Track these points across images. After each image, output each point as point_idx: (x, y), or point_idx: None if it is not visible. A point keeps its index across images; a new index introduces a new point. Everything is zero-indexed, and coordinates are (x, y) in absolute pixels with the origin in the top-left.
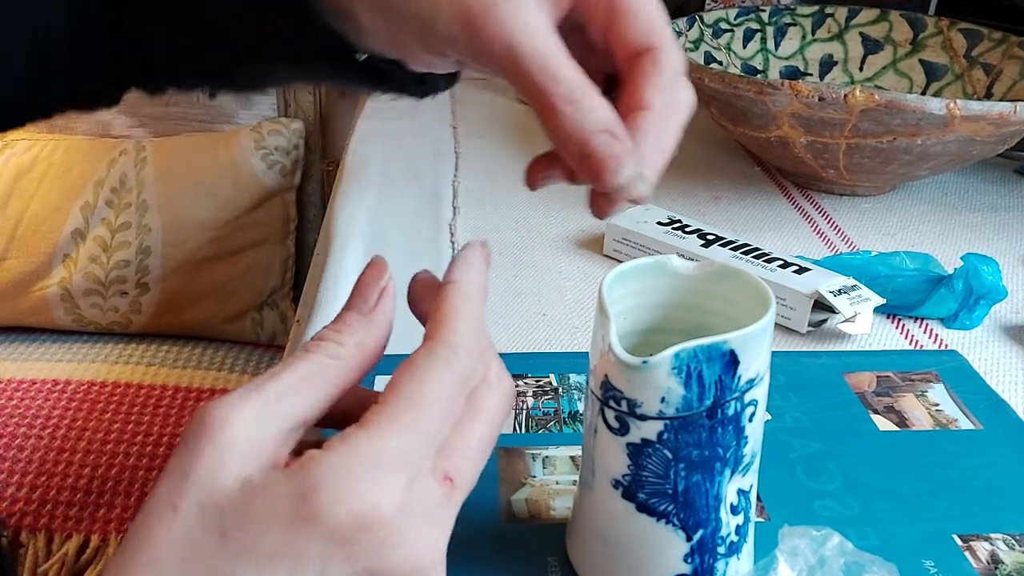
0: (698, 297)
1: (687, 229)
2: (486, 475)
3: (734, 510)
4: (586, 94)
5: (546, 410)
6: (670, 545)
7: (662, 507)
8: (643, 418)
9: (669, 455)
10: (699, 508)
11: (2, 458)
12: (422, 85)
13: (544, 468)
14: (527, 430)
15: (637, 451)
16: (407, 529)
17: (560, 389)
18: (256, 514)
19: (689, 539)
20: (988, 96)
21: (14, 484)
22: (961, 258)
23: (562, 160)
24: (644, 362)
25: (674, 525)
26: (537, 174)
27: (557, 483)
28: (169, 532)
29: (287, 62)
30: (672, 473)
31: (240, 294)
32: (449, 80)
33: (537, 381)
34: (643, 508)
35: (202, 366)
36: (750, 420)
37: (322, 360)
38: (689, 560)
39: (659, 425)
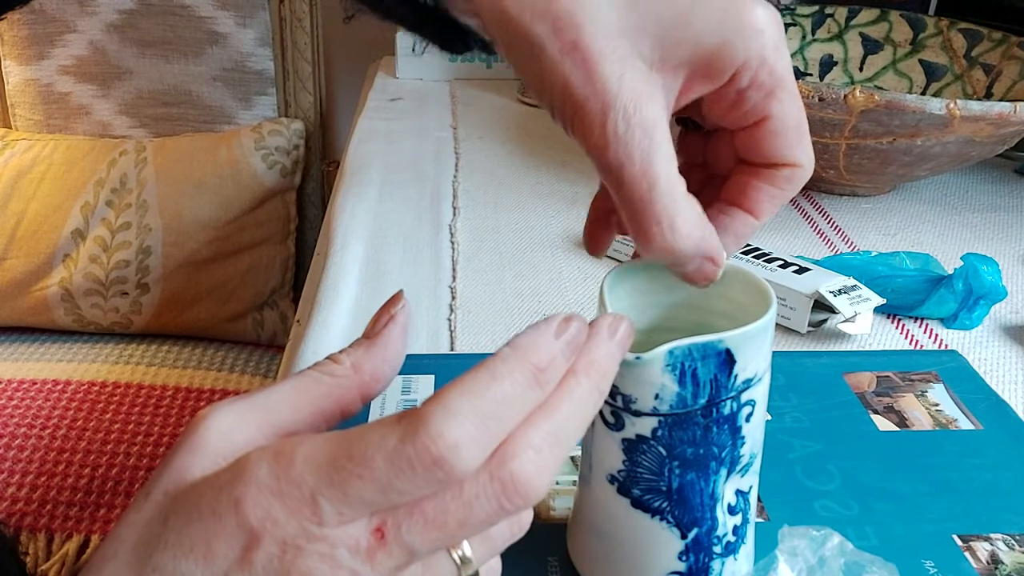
0: (701, 296)
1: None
2: None
3: (732, 510)
4: (683, 217)
5: None
6: (664, 542)
7: (656, 504)
8: (637, 414)
9: (663, 452)
10: (694, 506)
11: (2, 458)
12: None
13: None
14: None
15: (632, 447)
16: (307, 555)
17: None
18: (187, 503)
19: (684, 537)
20: (988, 96)
21: (14, 484)
22: (961, 258)
23: (619, 222)
24: (637, 358)
25: (668, 522)
26: (600, 244)
27: (557, 483)
28: (137, 515)
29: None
30: (666, 470)
31: (240, 294)
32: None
33: None
34: (637, 504)
35: (202, 366)
36: (747, 420)
37: (315, 375)
38: (684, 558)
39: (653, 421)
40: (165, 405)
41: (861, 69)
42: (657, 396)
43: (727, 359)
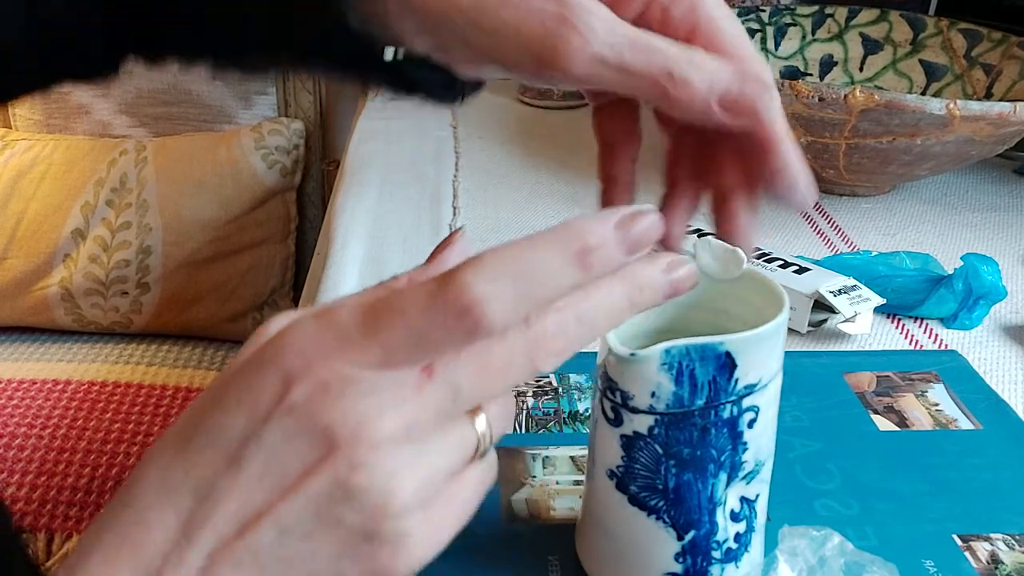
0: (720, 299)
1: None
2: None
3: (735, 517)
4: (698, 55)
5: (546, 410)
6: (661, 542)
7: (652, 502)
8: (635, 411)
9: (660, 450)
10: (691, 508)
11: (2, 458)
12: (451, 90)
13: (544, 468)
14: (527, 430)
15: (629, 443)
16: (349, 395)
17: (560, 389)
18: (232, 371)
19: (680, 538)
20: (988, 96)
21: (14, 484)
22: (961, 258)
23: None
24: (632, 354)
25: (664, 522)
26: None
27: (557, 483)
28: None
29: (306, 53)
30: (663, 469)
31: (241, 294)
32: (476, 86)
33: (537, 381)
34: (635, 501)
35: (203, 366)
36: (750, 426)
37: (376, 287)
38: (681, 560)
39: (650, 419)
40: (165, 405)
41: (861, 69)
42: (654, 394)
43: (727, 362)
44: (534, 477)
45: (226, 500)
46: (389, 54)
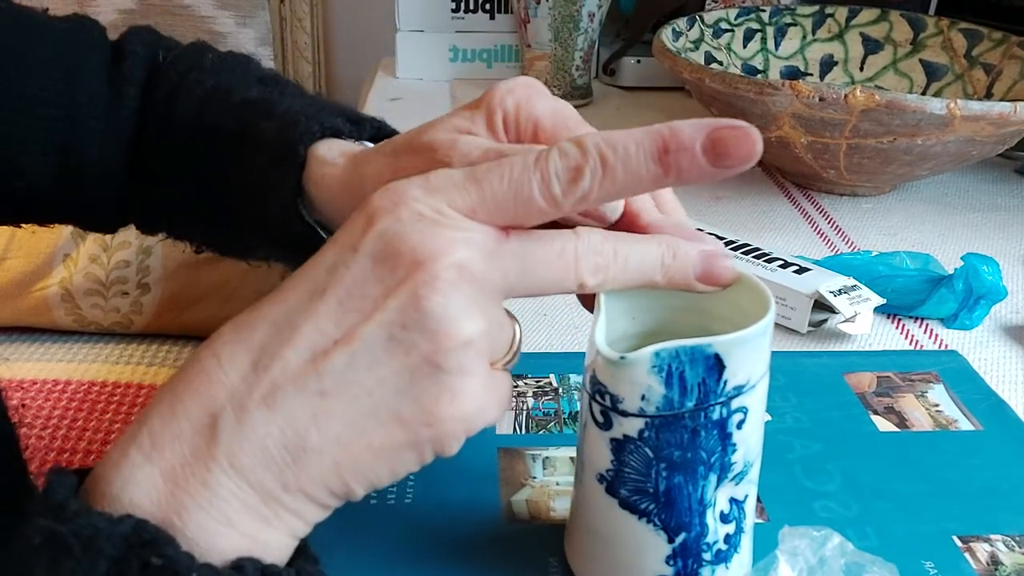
0: (707, 300)
1: None
2: (486, 476)
3: (724, 518)
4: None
5: (546, 410)
6: (652, 545)
7: (643, 505)
8: (625, 414)
9: (650, 453)
10: (681, 510)
11: None
12: None
13: (544, 469)
14: (527, 431)
15: (619, 447)
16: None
17: (560, 389)
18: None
19: (671, 541)
20: (988, 96)
21: None
22: (961, 258)
23: None
24: (622, 357)
25: (655, 525)
26: None
27: (557, 484)
28: None
29: (269, 243)
30: (653, 472)
31: (241, 294)
32: None
33: (537, 381)
34: (625, 504)
35: None
36: (739, 427)
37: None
38: (671, 562)
39: (640, 422)
40: None
41: (861, 69)
42: (644, 397)
43: (716, 364)
44: (534, 478)
45: (304, 328)
46: None
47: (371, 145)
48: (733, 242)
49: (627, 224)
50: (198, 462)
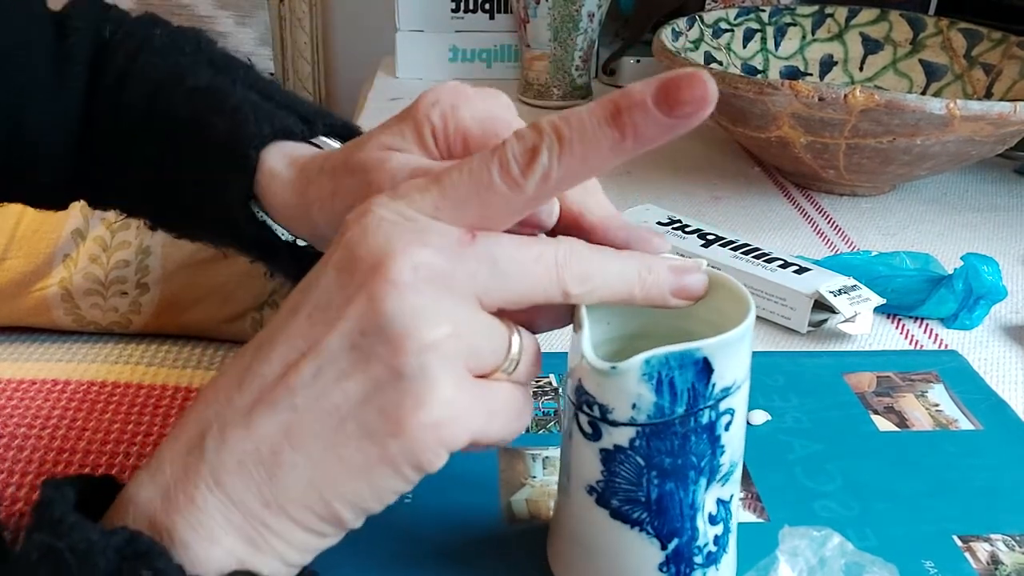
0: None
1: (687, 229)
2: (486, 476)
3: (712, 520)
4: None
5: (546, 410)
6: (645, 553)
7: (635, 515)
8: (615, 424)
9: (642, 462)
10: (673, 517)
11: (2, 458)
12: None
13: (544, 469)
14: (527, 431)
15: (610, 457)
16: (397, 226)
17: (560, 389)
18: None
19: (664, 548)
20: (988, 96)
21: (14, 484)
22: (961, 258)
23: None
24: (613, 367)
25: (648, 533)
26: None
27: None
28: None
29: (223, 235)
30: (645, 481)
31: (240, 294)
32: None
33: (537, 381)
34: (617, 515)
35: (202, 366)
36: (726, 429)
37: None
38: (664, 569)
39: (631, 431)
40: (165, 405)
41: (861, 69)
42: (634, 406)
43: (704, 367)
44: (534, 478)
45: (278, 344)
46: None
47: (322, 146)
48: (733, 242)
49: (571, 226)
50: (188, 479)
